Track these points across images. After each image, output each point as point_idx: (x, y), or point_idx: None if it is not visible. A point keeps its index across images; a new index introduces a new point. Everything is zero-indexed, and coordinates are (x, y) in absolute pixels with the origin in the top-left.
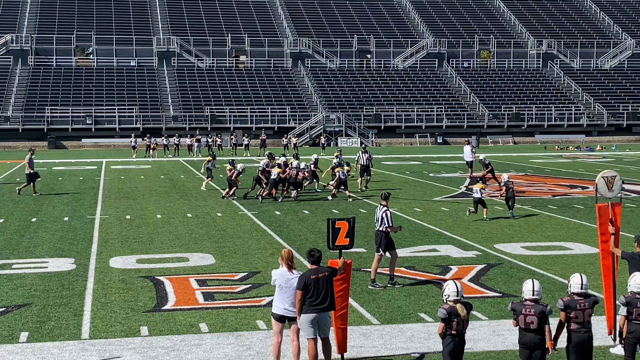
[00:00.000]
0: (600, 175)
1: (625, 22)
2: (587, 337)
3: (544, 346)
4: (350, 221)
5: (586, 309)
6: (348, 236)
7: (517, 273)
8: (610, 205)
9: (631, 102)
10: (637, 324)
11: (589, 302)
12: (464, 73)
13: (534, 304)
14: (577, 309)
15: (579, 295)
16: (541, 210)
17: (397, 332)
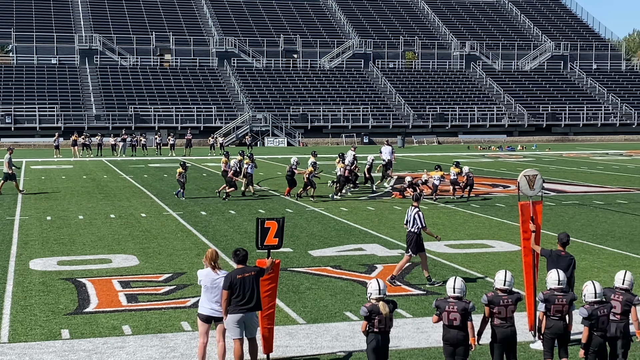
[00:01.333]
0: (522, 174)
1: (544, 25)
2: (510, 332)
3: (467, 342)
4: (280, 221)
5: (509, 305)
6: (277, 236)
7: (441, 271)
8: (532, 203)
9: (550, 103)
10: (555, 320)
11: (512, 298)
12: (389, 73)
13: (457, 301)
14: (500, 305)
15: (503, 292)
16: (464, 209)
17: (323, 331)
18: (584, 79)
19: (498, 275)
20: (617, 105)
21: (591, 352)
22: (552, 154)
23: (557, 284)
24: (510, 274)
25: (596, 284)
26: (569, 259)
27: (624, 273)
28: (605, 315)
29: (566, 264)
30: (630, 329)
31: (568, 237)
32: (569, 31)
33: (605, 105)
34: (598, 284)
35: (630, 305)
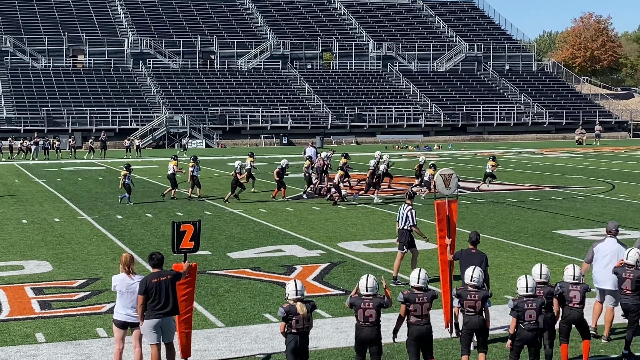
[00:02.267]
0: (439, 173)
1: (458, 27)
2: (426, 329)
3: (380, 340)
4: (196, 224)
5: (424, 302)
6: (193, 239)
7: (360, 270)
8: (447, 202)
9: (465, 103)
10: (470, 315)
11: (428, 295)
12: (307, 74)
13: (372, 298)
14: (415, 302)
15: (418, 289)
16: (382, 209)
17: (242, 334)
18: (497, 79)
19: (413, 274)
20: (529, 105)
21: (517, 344)
22: (467, 153)
23: (470, 280)
24: (424, 271)
25: (528, 278)
26: (480, 256)
27: (539, 267)
28: (533, 309)
29: (478, 262)
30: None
31: (478, 235)
32: (482, 33)
33: (517, 105)
34: (531, 278)
35: (552, 297)
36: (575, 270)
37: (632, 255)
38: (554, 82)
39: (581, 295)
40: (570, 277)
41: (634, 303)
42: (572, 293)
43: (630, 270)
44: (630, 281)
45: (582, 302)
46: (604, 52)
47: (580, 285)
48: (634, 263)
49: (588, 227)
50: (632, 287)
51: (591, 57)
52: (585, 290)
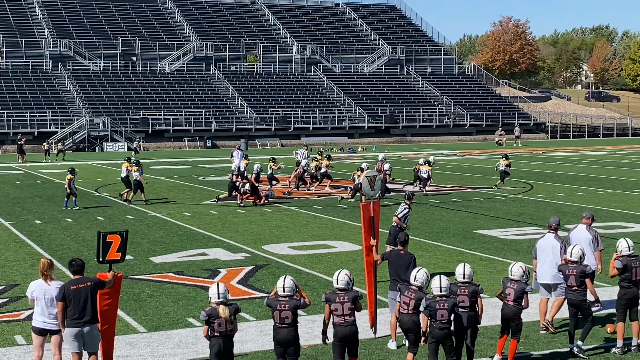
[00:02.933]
0: (364, 175)
1: (381, 30)
2: (349, 331)
3: (297, 342)
4: (123, 235)
5: (345, 302)
6: (120, 250)
7: (284, 273)
8: (372, 203)
9: (389, 106)
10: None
11: (349, 296)
12: (231, 77)
13: (288, 299)
14: (336, 302)
15: (340, 290)
16: (307, 211)
17: (165, 339)
18: (419, 82)
19: (335, 275)
20: (450, 107)
21: (431, 342)
22: (391, 154)
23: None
24: (345, 272)
25: (442, 279)
26: (409, 257)
27: (463, 267)
28: (445, 309)
29: (406, 262)
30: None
31: (407, 236)
32: (404, 36)
33: (439, 108)
34: (445, 278)
35: (477, 296)
36: (514, 267)
37: (575, 252)
38: (474, 84)
39: (516, 293)
40: (460, 277)
41: (579, 299)
42: (507, 290)
43: (573, 266)
44: (574, 277)
45: (518, 299)
46: (523, 56)
47: (518, 284)
48: (577, 259)
49: (507, 226)
50: (577, 283)
51: (510, 60)
52: (523, 289)
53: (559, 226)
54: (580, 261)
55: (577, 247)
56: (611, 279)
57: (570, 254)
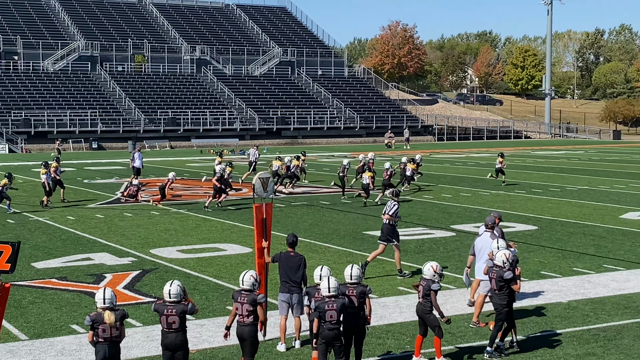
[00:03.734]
0: (257, 177)
1: (272, 32)
2: (243, 331)
3: (186, 346)
4: (15, 245)
5: (244, 303)
6: (10, 261)
7: (173, 277)
8: (264, 205)
9: (280, 108)
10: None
11: (249, 298)
12: (118, 77)
13: (175, 304)
14: (237, 301)
15: (246, 291)
16: (197, 214)
17: (47, 347)
18: (310, 84)
19: (241, 275)
20: (341, 110)
21: (320, 343)
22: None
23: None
24: (251, 273)
25: (331, 280)
26: (299, 258)
27: (350, 268)
28: (334, 310)
29: (296, 264)
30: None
31: (295, 237)
32: (295, 38)
33: (330, 110)
34: (334, 279)
35: (365, 297)
36: (425, 266)
37: (499, 256)
38: (364, 87)
39: (424, 290)
40: (348, 278)
41: (499, 302)
42: (418, 287)
43: (495, 270)
44: (495, 281)
45: (426, 296)
46: (411, 60)
47: (427, 282)
48: (501, 264)
49: None
50: (497, 287)
51: (399, 64)
52: (429, 287)
53: (495, 225)
54: (504, 266)
55: (502, 252)
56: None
57: (495, 257)
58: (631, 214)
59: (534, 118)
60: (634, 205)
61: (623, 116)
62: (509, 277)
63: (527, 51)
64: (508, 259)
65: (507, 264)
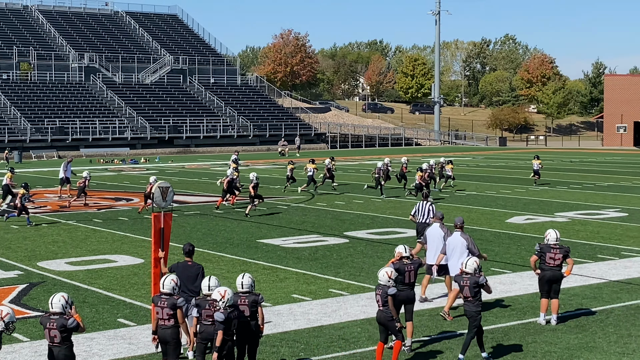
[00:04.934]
0: (157, 185)
1: (163, 39)
2: (165, 333)
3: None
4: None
5: (165, 307)
6: None
7: (61, 290)
8: (163, 214)
9: (172, 116)
10: (207, 325)
11: (169, 302)
12: (2, 85)
13: (58, 317)
14: (158, 305)
15: (166, 295)
16: (86, 225)
17: None
18: (202, 92)
19: (162, 279)
20: (234, 118)
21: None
22: (175, 165)
23: (208, 290)
24: (172, 277)
25: (228, 291)
26: (197, 267)
27: (242, 277)
28: (236, 318)
29: (194, 274)
30: None
31: (192, 246)
32: (187, 46)
33: (223, 118)
34: (230, 290)
35: (257, 306)
36: (380, 273)
37: (469, 264)
38: (257, 95)
39: (382, 298)
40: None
41: (473, 310)
42: (376, 297)
43: (467, 277)
44: (468, 288)
45: (386, 303)
46: (303, 68)
47: (383, 288)
48: (472, 271)
49: (290, 235)
50: (471, 294)
51: (291, 72)
52: (387, 293)
53: (463, 224)
54: (475, 272)
55: (473, 259)
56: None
57: (465, 265)
58: (517, 218)
59: (424, 126)
60: (519, 209)
61: (508, 123)
62: (483, 281)
63: (417, 60)
64: (479, 265)
65: (479, 269)
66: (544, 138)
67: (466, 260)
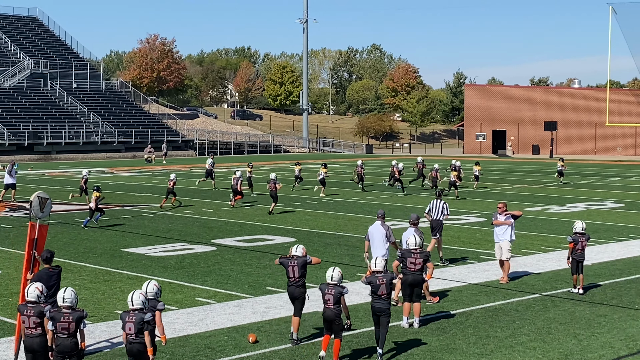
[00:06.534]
0: (36, 195)
1: (23, 43)
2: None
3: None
4: None
5: (31, 316)
6: None
7: None
8: (38, 225)
9: (32, 122)
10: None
11: (36, 310)
12: None
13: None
14: (24, 314)
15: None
16: None
17: None
18: (64, 97)
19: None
20: (98, 124)
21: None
22: (35, 173)
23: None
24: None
25: (135, 293)
26: (58, 274)
27: (146, 285)
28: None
29: (56, 280)
30: None
31: (51, 253)
32: (47, 49)
33: (86, 124)
34: (138, 291)
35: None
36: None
37: (379, 263)
38: (122, 101)
39: (334, 297)
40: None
41: (386, 307)
42: (326, 296)
43: (382, 275)
44: (385, 285)
45: (337, 303)
46: (170, 74)
47: (335, 288)
48: (382, 269)
49: (156, 243)
50: (387, 291)
51: (158, 77)
52: (340, 292)
53: (418, 221)
54: (385, 270)
55: (381, 259)
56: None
57: (374, 264)
58: None
59: (292, 133)
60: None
61: (374, 131)
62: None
63: (285, 67)
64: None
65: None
66: (409, 145)
67: (374, 260)
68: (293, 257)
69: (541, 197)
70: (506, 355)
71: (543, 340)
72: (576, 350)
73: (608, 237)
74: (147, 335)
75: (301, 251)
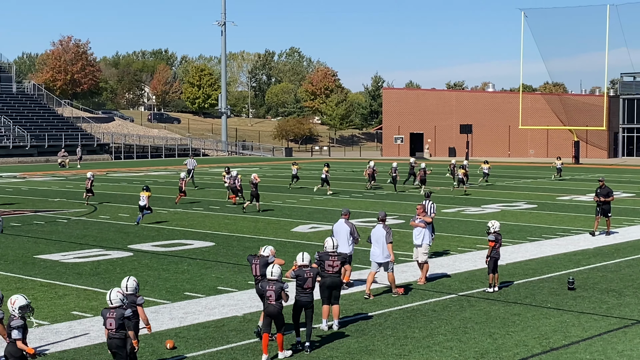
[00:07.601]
0: None
1: None
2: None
3: None
4: None
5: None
6: None
7: None
8: None
9: None
10: None
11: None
12: None
13: None
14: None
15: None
16: None
17: None
18: None
19: None
20: (9, 128)
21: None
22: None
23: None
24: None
25: (113, 291)
26: None
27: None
28: (113, 318)
29: None
30: None
31: None
32: None
33: None
34: (116, 289)
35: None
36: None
37: (306, 257)
38: (35, 104)
39: (276, 293)
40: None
41: (311, 300)
42: (268, 292)
43: (308, 269)
44: (311, 279)
45: (279, 298)
46: (85, 76)
47: (275, 284)
48: (308, 263)
49: (70, 249)
50: (312, 284)
51: (72, 80)
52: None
53: (385, 218)
54: (310, 264)
55: (307, 254)
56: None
57: (302, 259)
58: (301, 227)
59: (211, 136)
60: (304, 218)
61: (294, 134)
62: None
63: (203, 70)
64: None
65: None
66: (328, 149)
67: (302, 255)
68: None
69: (457, 199)
70: (424, 355)
71: (459, 340)
72: (491, 349)
73: (521, 237)
74: (130, 331)
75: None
